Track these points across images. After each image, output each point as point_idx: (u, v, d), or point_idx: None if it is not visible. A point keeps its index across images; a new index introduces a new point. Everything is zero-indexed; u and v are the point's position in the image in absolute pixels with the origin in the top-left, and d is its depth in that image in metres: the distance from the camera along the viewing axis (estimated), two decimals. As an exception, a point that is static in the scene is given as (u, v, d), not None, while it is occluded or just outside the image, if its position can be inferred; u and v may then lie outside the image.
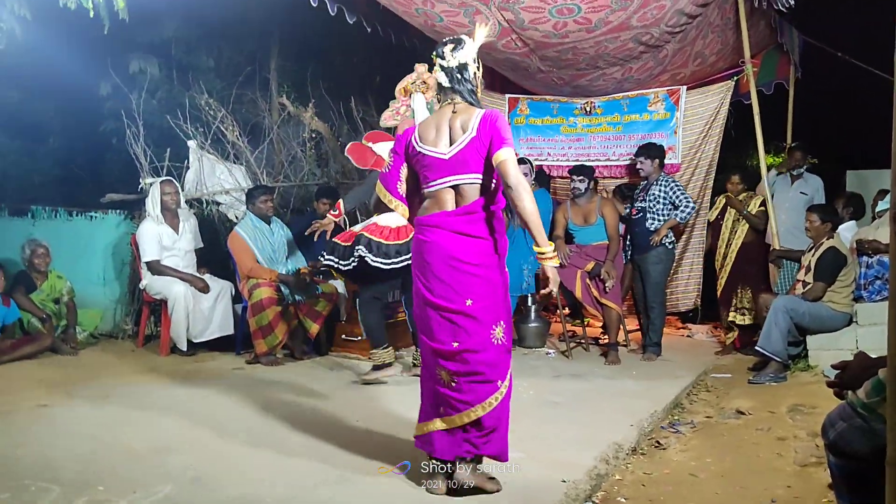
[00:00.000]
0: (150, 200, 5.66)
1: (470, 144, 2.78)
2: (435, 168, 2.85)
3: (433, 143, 2.85)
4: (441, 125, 2.87)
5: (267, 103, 8.00)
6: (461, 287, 2.78)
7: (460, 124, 2.82)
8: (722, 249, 6.22)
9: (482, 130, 2.77)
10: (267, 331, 5.20)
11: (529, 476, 3.02)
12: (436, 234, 2.82)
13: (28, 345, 5.24)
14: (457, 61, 2.89)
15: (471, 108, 2.86)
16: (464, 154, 2.79)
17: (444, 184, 2.84)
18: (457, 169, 2.81)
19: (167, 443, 3.38)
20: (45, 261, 5.63)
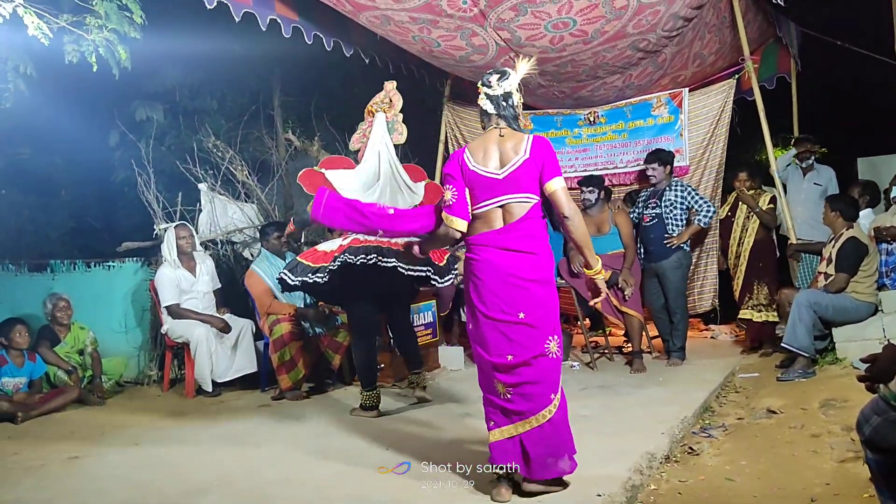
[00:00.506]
0: (165, 246, 5.72)
1: (523, 166, 2.96)
2: (487, 188, 3.01)
3: (483, 164, 3.01)
4: (489, 148, 3.03)
5: (273, 140, 8.08)
6: (514, 301, 2.95)
7: (511, 147, 2.99)
8: (734, 248, 6.13)
9: (535, 153, 2.96)
10: (290, 366, 5.21)
11: (564, 492, 3.00)
12: (487, 252, 3.00)
13: (56, 398, 5.27)
14: (502, 90, 3.08)
15: (517, 133, 3.05)
16: (516, 174, 2.97)
17: (494, 203, 3.00)
18: (509, 189, 2.98)
19: (200, 484, 3.39)
20: (68, 313, 5.69)
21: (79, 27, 4.39)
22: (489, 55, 5.61)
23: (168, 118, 7.85)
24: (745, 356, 5.99)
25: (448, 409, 4.61)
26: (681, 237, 5.63)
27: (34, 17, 3.93)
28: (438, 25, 5.20)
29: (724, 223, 6.28)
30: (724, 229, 6.25)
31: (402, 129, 4.74)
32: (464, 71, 6.25)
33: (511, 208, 2.99)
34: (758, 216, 5.98)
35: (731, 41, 6.16)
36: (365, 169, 4.56)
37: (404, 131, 4.76)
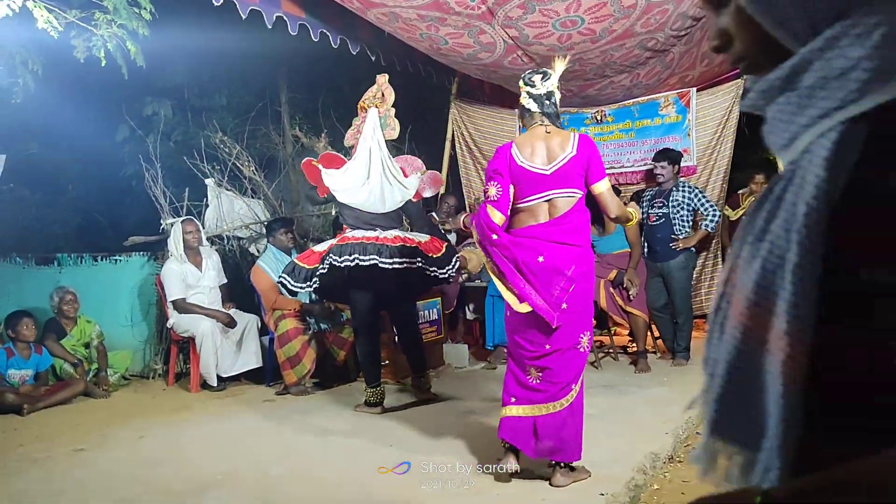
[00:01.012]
0: (172, 240, 5.73)
1: (570, 162, 3.09)
2: (535, 183, 3.12)
3: (531, 159, 3.12)
4: (536, 144, 3.14)
5: (280, 136, 8.09)
6: (557, 290, 3.06)
7: (558, 144, 3.11)
8: None
9: (581, 150, 3.09)
10: (295, 361, 5.23)
11: (567, 491, 3.01)
12: (533, 243, 3.10)
13: (61, 391, 5.30)
14: (545, 89, 3.19)
15: (562, 131, 3.20)
16: (564, 170, 3.09)
17: (542, 197, 3.12)
18: (556, 184, 3.10)
19: (204, 480, 3.40)
20: (74, 307, 5.71)
21: (87, 22, 4.41)
22: (497, 53, 5.61)
23: (176, 114, 7.88)
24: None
25: (452, 407, 4.62)
26: (688, 242, 5.61)
27: (44, 10, 3.94)
28: (446, 23, 5.20)
29: (736, 224, 5.85)
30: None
31: (395, 123, 4.69)
32: (471, 69, 6.24)
33: (557, 202, 3.11)
34: None
35: (739, 41, 6.14)
36: (356, 166, 4.56)
37: (396, 126, 4.71)
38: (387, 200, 4.49)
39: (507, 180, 3.16)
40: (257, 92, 8.45)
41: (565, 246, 3.06)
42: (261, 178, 7.15)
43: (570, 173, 3.09)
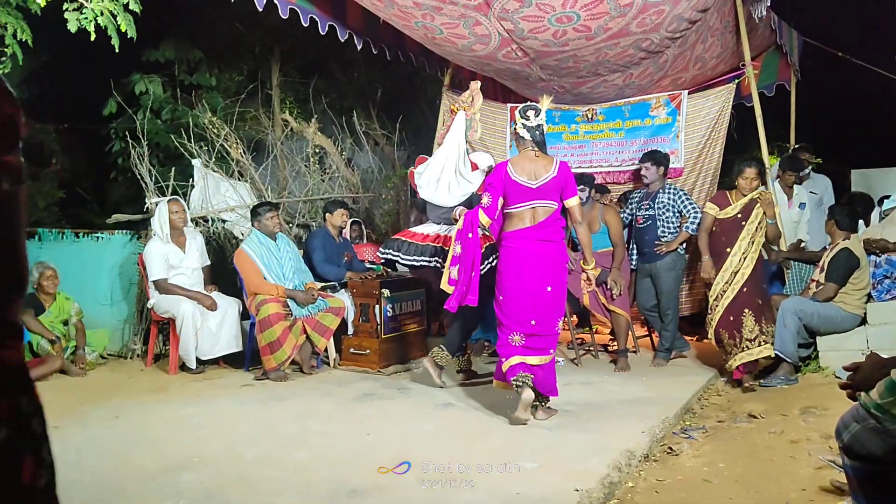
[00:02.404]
0: (156, 220, 5.67)
1: (552, 181, 4.00)
2: (523, 193, 4.00)
3: (521, 176, 4.00)
4: (526, 165, 4.03)
5: (270, 120, 8.05)
6: (542, 276, 3.97)
7: (543, 166, 4.02)
8: (735, 260, 5.08)
9: (560, 173, 4.01)
10: (275, 346, 5.21)
11: (542, 485, 3.01)
12: (522, 241, 4.01)
13: (38, 367, 5.24)
14: (536, 122, 4.07)
15: (547, 156, 4.11)
16: (546, 186, 3.99)
17: (528, 205, 4.01)
18: (539, 195, 4.00)
19: (179, 461, 3.38)
20: (54, 283, 5.65)
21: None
22: (491, 45, 5.60)
23: (165, 91, 7.80)
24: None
25: (432, 398, 4.62)
26: (670, 245, 5.63)
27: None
28: (442, 12, 5.18)
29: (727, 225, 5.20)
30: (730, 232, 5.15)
31: (479, 126, 5.21)
32: (464, 60, 6.23)
33: (539, 210, 4.01)
34: (770, 228, 5.19)
35: (732, 46, 6.16)
36: (434, 164, 5.05)
37: (479, 128, 5.25)
38: (452, 194, 4.95)
39: (499, 193, 4.04)
40: (249, 73, 8.39)
41: (549, 243, 4.00)
42: (248, 161, 7.10)
43: (550, 189, 3.99)
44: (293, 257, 5.65)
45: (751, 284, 5.04)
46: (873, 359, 2.06)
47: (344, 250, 6.16)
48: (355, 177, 7.93)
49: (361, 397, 4.69)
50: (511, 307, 4.00)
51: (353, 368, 5.55)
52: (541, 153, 4.06)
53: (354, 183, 7.87)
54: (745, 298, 5.04)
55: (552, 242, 4.00)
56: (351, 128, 8.01)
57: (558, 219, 4.05)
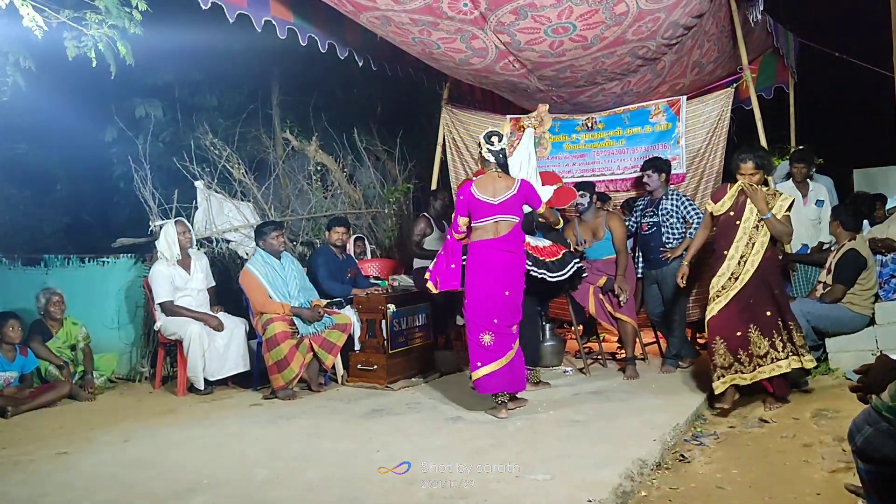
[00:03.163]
0: (163, 242, 5.67)
1: (512, 198, 4.50)
2: (486, 209, 4.50)
3: (486, 193, 4.50)
4: (488, 185, 4.54)
5: (271, 139, 8.08)
6: (502, 281, 4.47)
7: (504, 185, 4.53)
8: (732, 264, 4.56)
9: (520, 191, 4.52)
10: (283, 365, 5.20)
11: (555, 497, 3.00)
12: (486, 251, 4.50)
13: (47, 393, 5.25)
14: (500, 147, 4.61)
15: (508, 176, 4.62)
16: (506, 203, 4.49)
17: (491, 219, 4.50)
18: (500, 211, 4.49)
19: (189, 484, 3.37)
20: (61, 308, 5.67)
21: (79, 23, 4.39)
22: (489, 58, 5.61)
23: (166, 114, 7.85)
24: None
25: (441, 412, 4.61)
26: (675, 251, 5.61)
27: (29, 8, 3.91)
28: (439, 27, 5.20)
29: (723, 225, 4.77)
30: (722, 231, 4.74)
31: (548, 144, 5.54)
32: (463, 74, 6.25)
33: (500, 224, 4.50)
34: (768, 225, 4.53)
35: (729, 50, 6.18)
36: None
37: (549, 146, 5.54)
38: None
39: (464, 212, 4.57)
40: (248, 94, 8.43)
41: (508, 253, 4.50)
42: (251, 181, 7.12)
43: (511, 205, 4.49)
44: (298, 275, 5.66)
45: (754, 291, 4.49)
46: (883, 361, 2.05)
47: (347, 267, 6.16)
48: (357, 193, 7.95)
49: (370, 413, 4.68)
50: (476, 309, 4.48)
51: (361, 384, 5.54)
52: (503, 174, 4.58)
53: (357, 199, 7.88)
54: (749, 309, 4.50)
55: (512, 252, 4.50)
56: (352, 144, 8.04)
57: (519, 232, 4.56)
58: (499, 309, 4.45)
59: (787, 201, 4.56)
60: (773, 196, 4.59)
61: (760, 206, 4.51)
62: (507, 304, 4.46)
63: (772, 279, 4.56)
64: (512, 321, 4.50)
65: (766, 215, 4.50)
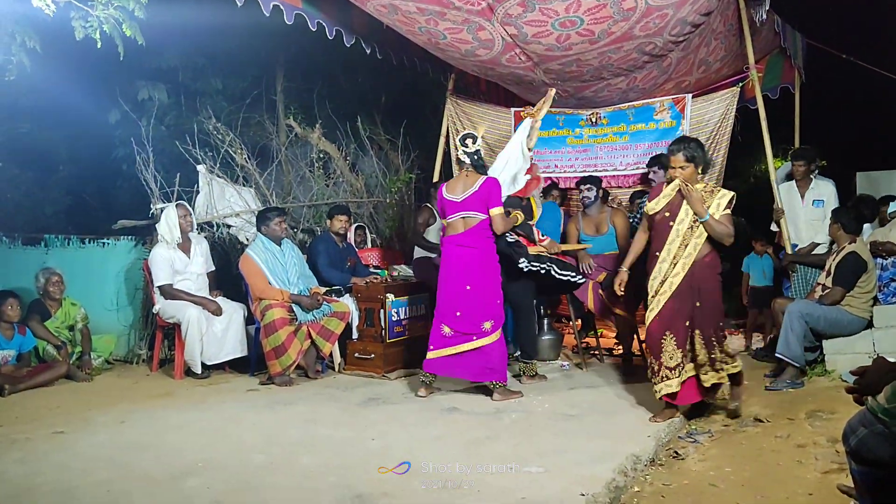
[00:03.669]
0: (163, 225, 5.67)
1: (473, 195, 4.68)
2: (452, 207, 4.74)
3: (452, 192, 4.75)
4: (457, 184, 4.79)
5: (274, 125, 8.06)
6: (462, 277, 4.67)
7: (469, 183, 4.71)
8: (664, 267, 4.13)
9: (482, 189, 4.67)
10: (280, 351, 5.21)
11: (548, 490, 3.01)
12: (451, 247, 4.74)
13: (44, 372, 5.27)
14: (474, 149, 4.78)
15: (477, 175, 4.76)
16: (469, 200, 4.68)
17: (457, 216, 4.72)
18: (464, 207, 4.69)
19: (185, 467, 3.38)
20: (59, 288, 5.67)
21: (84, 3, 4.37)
22: (495, 50, 5.60)
23: (170, 97, 7.83)
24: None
25: (437, 402, 4.62)
26: None
27: (40, -12, 3.90)
28: (445, 17, 5.18)
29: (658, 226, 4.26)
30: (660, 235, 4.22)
31: (535, 134, 5.35)
32: (468, 65, 6.23)
33: (466, 220, 4.71)
34: (707, 227, 4.06)
35: (736, 49, 6.16)
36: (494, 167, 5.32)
37: (535, 137, 5.36)
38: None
39: (442, 214, 4.83)
40: (253, 79, 8.41)
41: (468, 248, 4.68)
42: (253, 167, 7.11)
43: (472, 202, 4.67)
44: (298, 262, 5.66)
45: (681, 299, 4.09)
46: (880, 363, 2.05)
47: (348, 255, 6.16)
48: (359, 181, 7.94)
49: (367, 402, 4.69)
50: (440, 301, 4.75)
51: (358, 373, 5.55)
52: (472, 173, 4.75)
53: (358, 188, 7.88)
54: (670, 316, 4.10)
55: (474, 248, 4.66)
56: (355, 133, 8.02)
57: (485, 228, 4.68)
58: (462, 303, 4.65)
59: (725, 198, 4.11)
60: (709, 193, 4.15)
61: (697, 208, 4.06)
62: (469, 299, 4.64)
63: (705, 285, 4.11)
64: (476, 319, 4.63)
65: (704, 217, 4.05)
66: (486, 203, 4.65)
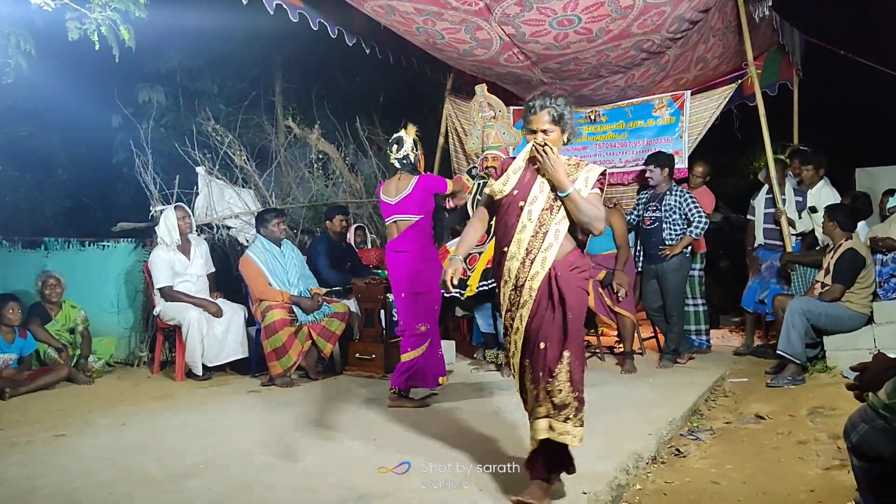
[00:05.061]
0: (163, 227, 5.67)
1: (407, 197, 4.52)
2: (387, 210, 4.63)
3: (387, 195, 4.62)
4: (391, 186, 4.65)
5: (273, 126, 8.06)
6: (399, 283, 4.55)
7: (403, 185, 4.56)
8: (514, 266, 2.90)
9: (416, 189, 4.52)
10: (281, 352, 5.21)
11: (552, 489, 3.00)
12: (388, 253, 4.65)
13: (45, 375, 5.27)
14: (402, 154, 4.61)
15: (410, 176, 4.58)
16: (402, 202, 4.53)
17: (391, 219, 4.61)
18: (398, 210, 4.55)
19: (186, 468, 3.38)
20: (58, 291, 5.67)
21: (82, 5, 4.37)
22: (493, 50, 5.60)
23: (168, 99, 7.82)
24: (735, 362, 6.00)
25: (437, 402, 4.62)
26: (673, 249, 5.61)
27: (38, -12, 3.89)
28: (443, 17, 5.18)
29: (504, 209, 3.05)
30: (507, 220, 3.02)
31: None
32: (466, 65, 6.23)
33: (399, 223, 4.56)
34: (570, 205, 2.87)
35: (734, 46, 6.15)
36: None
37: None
38: None
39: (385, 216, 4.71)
40: (251, 81, 8.40)
41: (401, 253, 4.52)
42: (252, 168, 7.11)
43: (407, 204, 4.51)
44: (298, 263, 5.66)
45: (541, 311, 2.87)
46: (880, 359, 2.05)
47: (347, 255, 6.16)
48: (359, 182, 7.93)
49: (367, 402, 4.69)
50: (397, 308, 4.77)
51: (359, 374, 5.55)
52: (405, 175, 4.60)
53: (358, 188, 7.87)
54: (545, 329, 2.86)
55: (406, 253, 4.50)
56: (354, 133, 8.02)
57: (422, 229, 4.54)
58: (402, 310, 4.59)
59: (593, 172, 2.95)
60: (574, 167, 2.98)
61: (558, 178, 2.86)
62: (406, 306, 4.52)
63: (570, 295, 2.85)
64: (413, 322, 4.50)
65: (567, 191, 2.86)
66: (428, 200, 4.54)
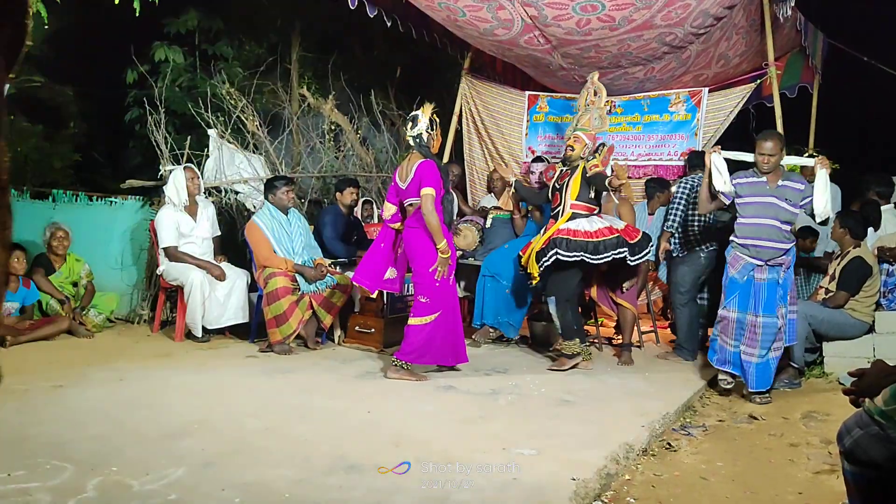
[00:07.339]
0: (171, 187, 5.67)
1: (412, 181, 4.59)
2: (398, 193, 4.72)
3: (400, 178, 4.69)
4: (403, 168, 4.71)
5: (287, 94, 8.02)
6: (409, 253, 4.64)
7: (410, 168, 4.61)
8: None
9: (416, 174, 4.55)
10: (281, 320, 5.23)
11: (539, 473, 3.02)
12: (405, 229, 4.68)
13: (46, 326, 5.30)
14: (416, 132, 4.62)
15: (417, 159, 4.59)
16: (409, 186, 4.61)
17: (405, 202, 4.68)
18: (406, 195, 4.65)
19: (179, 427, 3.41)
20: (65, 244, 5.69)
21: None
22: (514, 30, 5.55)
23: (186, 60, 7.80)
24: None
25: (433, 380, 4.63)
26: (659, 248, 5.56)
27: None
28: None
29: None
30: None
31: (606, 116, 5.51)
32: (486, 44, 6.19)
33: (408, 207, 4.66)
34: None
35: (757, 45, 6.09)
36: None
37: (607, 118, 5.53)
38: None
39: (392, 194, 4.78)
40: (268, 47, 8.35)
41: (414, 229, 4.59)
42: (264, 134, 7.09)
43: (413, 188, 4.58)
44: (304, 233, 5.66)
45: None
46: (879, 366, 2.05)
47: (354, 228, 6.15)
48: (369, 156, 7.91)
49: (364, 375, 4.71)
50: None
51: (358, 346, 5.57)
52: (415, 155, 4.62)
53: (368, 162, 7.85)
54: None
55: (416, 229, 4.60)
56: (368, 106, 7.98)
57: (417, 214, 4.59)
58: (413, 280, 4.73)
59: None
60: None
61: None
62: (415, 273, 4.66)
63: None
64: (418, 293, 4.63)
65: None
66: (420, 184, 4.51)
